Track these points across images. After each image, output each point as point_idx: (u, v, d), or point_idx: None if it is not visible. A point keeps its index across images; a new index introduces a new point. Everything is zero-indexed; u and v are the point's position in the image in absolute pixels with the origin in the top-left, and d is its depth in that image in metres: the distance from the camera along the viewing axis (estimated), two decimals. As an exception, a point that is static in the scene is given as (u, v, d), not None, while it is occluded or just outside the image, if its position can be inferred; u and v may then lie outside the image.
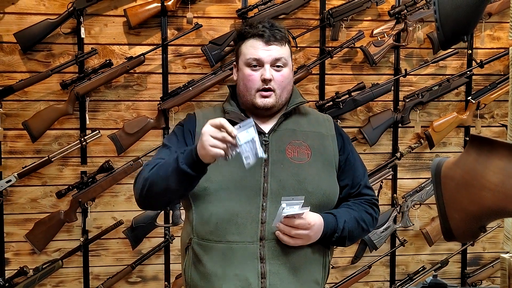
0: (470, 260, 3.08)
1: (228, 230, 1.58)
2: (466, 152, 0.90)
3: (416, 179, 2.97)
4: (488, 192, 0.83)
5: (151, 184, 1.54)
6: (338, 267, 2.95)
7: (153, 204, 1.71)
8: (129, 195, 2.77)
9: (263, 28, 1.66)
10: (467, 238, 0.95)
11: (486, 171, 0.84)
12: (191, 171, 1.47)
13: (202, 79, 2.68)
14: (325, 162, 1.68)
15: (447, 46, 0.94)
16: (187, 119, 1.77)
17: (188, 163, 1.47)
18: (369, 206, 1.73)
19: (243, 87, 1.69)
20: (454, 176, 0.91)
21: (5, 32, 2.62)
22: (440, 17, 0.89)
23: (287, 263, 1.59)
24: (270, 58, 1.65)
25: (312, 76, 2.81)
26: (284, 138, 1.67)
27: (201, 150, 1.43)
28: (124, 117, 2.74)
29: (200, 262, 1.61)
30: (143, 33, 2.73)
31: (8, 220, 2.70)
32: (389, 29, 2.82)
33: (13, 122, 2.66)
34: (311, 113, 1.80)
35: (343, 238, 1.64)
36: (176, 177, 1.49)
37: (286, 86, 1.68)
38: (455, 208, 0.91)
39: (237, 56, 1.73)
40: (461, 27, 0.88)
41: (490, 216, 0.85)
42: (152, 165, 1.59)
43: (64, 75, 2.64)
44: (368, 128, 2.84)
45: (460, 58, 2.95)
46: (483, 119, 3.00)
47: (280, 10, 2.72)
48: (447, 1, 0.87)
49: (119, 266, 2.77)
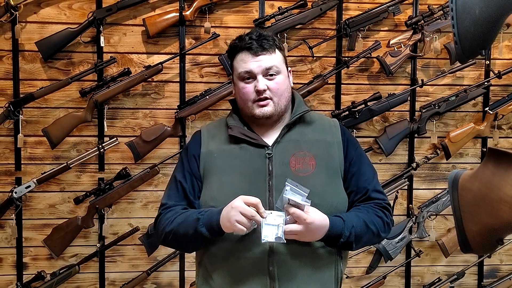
0: (487, 272, 3.04)
1: (236, 247, 1.59)
2: (484, 165, 0.90)
3: (432, 189, 2.95)
4: (505, 205, 0.83)
5: (172, 239, 1.64)
6: (353, 277, 2.94)
7: (176, 249, 1.79)
8: (145, 202, 2.80)
9: (250, 40, 1.66)
10: (485, 251, 0.95)
11: (503, 184, 0.84)
12: (209, 234, 1.56)
13: (219, 88, 2.70)
14: (330, 171, 1.65)
15: (465, 60, 0.94)
16: (192, 140, 1.79)
17: (208, 228, 1.55)
18: (379, 209, 1.67)
19: (240, 100, 1.70)
20: (471, 188, 0.91)
21: (27, 41, 2.67)
22: (458, 31, 0.89)
23: (297, 278, 1.57)
24: (261, 69, 1.64)
25: (328, 85, 2.82)
26: (288, 150, 1.65)
27: (226, 222, 1.50)
28: (141, 125, 2.77)
29: (211, 277, 1.63)
30: (161, 42, 2.76)
31: (27, 225, 2.74)
32: (406, 39, 2.81)
33: (33, 129, 2.70)
34: (317, 120, 1.76)
35: (351, 240, 1.58)
36: (195, 237, 1.58)
37: (282, 93, 1.67)
38: (472, 221, 0.91)
39: (232, 71, 1.75)
40: (480, 41, 0.88)
41: (507, 229, 0.85)
42: (170, 213, 1.66)
43: (83, 83, 2.68)
44: (384, 138, 2.84)
45: (477, 68, 2.94)
46: (501, 130, 2.97)
47: (297, 20, 2.74)
48: (466, 15, 0.87)
49: (134, 273, 2.79)
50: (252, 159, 1.64)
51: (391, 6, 2.78)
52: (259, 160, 1.64)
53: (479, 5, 0.85)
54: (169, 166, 2.74)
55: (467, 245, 0.93)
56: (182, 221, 1.60)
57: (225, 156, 1.67)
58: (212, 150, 1.70)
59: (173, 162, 2.65)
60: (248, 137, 1.67)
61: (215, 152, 1.69)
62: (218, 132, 1.75)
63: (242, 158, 1.65)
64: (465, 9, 0.87)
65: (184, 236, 1.59)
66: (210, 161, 1.68)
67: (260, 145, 1.66)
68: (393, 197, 2.83)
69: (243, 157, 1.65)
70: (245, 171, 1.62)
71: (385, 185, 2.81)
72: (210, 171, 1.67)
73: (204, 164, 1.69)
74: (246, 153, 1.66)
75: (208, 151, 1.70)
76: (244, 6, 2.79)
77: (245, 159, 1.65)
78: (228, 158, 1.66)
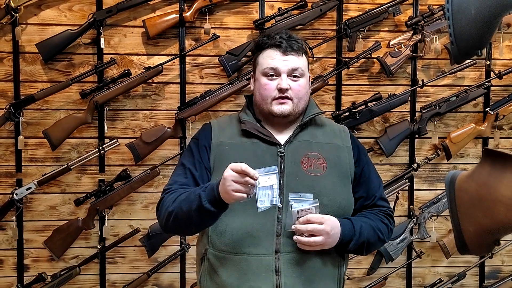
0: (488, 273, 3.03)
1: (243, 243, 1.59)
2: (480, 165, 0.90)
3: (433, 190, 2.94)
4: (501, 206, 0.83)
5: (174, 219, 1.59)
6: (354, 278, 2.93)
7: (178, 233, 1.77)
8: (146, 203, 2.80)
9: (281, 39, 1.68)
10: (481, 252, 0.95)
11: (499, 185, 0.84)
12: (214, 209, 1.51)
13: (219, 89, 2.70)
14: (340, 174, 1.68)
15: (461, 60, 0.94)
16: (202, 131, 1.79)
17: (211, 202, 1.50)
18: (384, 216, 1.73)
19: (259, 96, 1.70)
20: (468, 189, 0.91)
21: (27, 43, 2.68)
22: (454, 31, 0.90)
23: (302, 275, 1.59)
24: (287, 68, 1.66)
25: (329, 86, 2.82)
26: (300, 150, 1.68)
27: (224, 194, 1.47)
28: (142, 126, 2.77)
29: (216, 273, 1.63)
30: (161, 44, 2.76)
31: (28, 227, 2.74)
32: (406, 40, 2.81)
33: (33, 131, 2.71)
34: (327, 124, 1.80)
35: (361, 245, 1.62)
36: (199, 214, 1.53)
37: (303, 96, 1.70)
38: (469, 221, 0.91)
39: (254, 66, 1.75)
40: (476, 41, 0.88)
41: (503, 229, 0.85)
42: (173, 194, 1.63)
43: (83, 85, 2.68)
44: (384, 138, 2.83)
45: (478, 69, 2.93)
46: (502, 131, 2.97)
47: (297, 21, 2.73)
48: (462, 15, 0.87)
49: (135, 274, 2.79)
50: (264, 156, 1.65)
51: (391, 7, 2.78)
52: (271, 158, 1.65)
53: (475, 5, 0.85)
54: (170, 167, 2.74)
55: (464, 246, 0.93)
56: (185, 198, 1.57)
57: (236, 149, 1.67)
58: (224, 142, 1.70)
59: (174, 163, 2.65)
60: (261, 133, 1.68)
61: (226, 144, 1.70)
62: (229, 126, 1.76)
63: (254, 153, 1.66)
64: (461, 9, 0.87)
65: (188, 214, 1.55)
66: (222, 153, 1.68)
67: (273, 143, 1.67)
68: (394, 198, 2.82)
69: (255, 152, 1.66)
70: (256, 167, 1.62)
71: (386, 186, 2.81)
72: (220, 163, 1.66)
73: (215, 155, 1.69)
74: (258, 149, 1.67)
75: (219, 143, 1.71)
76: (244, 7, 2.79)
77: (256, 154, 1.66)
78: (239, 151, 1.67)
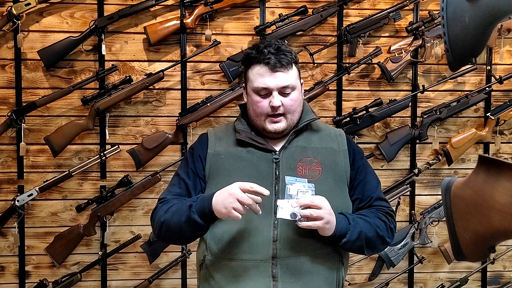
0: (490, 279, 3.02)
1: (241, 249, 1.59)
2: (475, 172, 0.90)
3: (434, 195, 2.94)
4: (496, 213, 0.83)
5: (166, 229, 1.62)
6: (355, 284, 2.93)
7: (171, 242, 1.78)
8: (147, 210, 2.80)
9: (269, 55, 1.65)
10: (477, 258, 0.95)
11: (494, 192, 0.84)
12: (202, 221, 1.54)
13: (220, 95, 2.71)
14: (336, 178, 1.68)
15: (456, 67, 0.94)
16: (198, 141, 1.80)
17: (200, 213, 1.54)
18: (382, 214, 1.71)
19: (253, 112, 1.71)
20: (463, 196, 0.91)
21: (29, 50, 2.69)
22: (449, 38, 0.90)
23: (300, 280, 1.59)
24: (277, 86, 1.65)
25: (329, 92, 2.83)
26: (295, 156, 1.68)
27: (221, 209, 1.49)
28: (143, 133, 2.78)
29: (213, 279, 1.63)
30: (162, 50, 2.77)
31: (29, 234, 2.75)
32: (406, 45, 2.81)
33: (35, 137, 2.72)
34: (323, 128, 1.80)
35: (358, 237, 1.60)
36: (188, 225, 1.57)
37: (296, 109, 1.70)
38: (465, 228, 0.91)
39: (245, 79, 1.75)
40: (470, 48, 0.88)
41: (498, 237, 0.85)
42: (166, 204, 1.66)
43: (85, 91, 2.69)
44: (385, 144, 2.83)
45: (478, 74, 2.93)
46: (503, 135, 2.96)
47: (297, 27, 2.74)
48: (456, 23, 0.88)
49: (136, 280, 2.79)
50: (259, 163, 1.67)
51: (392, 12, 2.79)
52: (266, 164, 1.66)
53: (469, 13, 0.86)
54: (171, 173, 2.74)
55: (460, 252, 0.94)
56: (176, 209, 1.61)
57: (232, 159, 1.69)
58: (220, 151, 1.72)
59: (175, 169, 2.65)
60: (256, 141, 1.69)
61: (222, 154, 1.71)
62: (225, 135, 1.77)
63: (249, 161, 1.67)
64: (455, 17, 0.88)
65: (178, 225, 1.58)
66: (217, 162, 1.70)
67: (267, 150, 1.68)
68: (395, 203, 2.82)
69: (250, 160, 1.67)
70: (252, 174, 1.64)
71: (387, 191, 2.81)
72: (216, 172, 1.69)
73: (210, 165, 1.71)
74: (253, 156, 1.68)
75: (215, 152, 1.72)
76: (245, 14, 2.80)
77: (252, 162, 1.67)
78: (235, 161, 1.68)
